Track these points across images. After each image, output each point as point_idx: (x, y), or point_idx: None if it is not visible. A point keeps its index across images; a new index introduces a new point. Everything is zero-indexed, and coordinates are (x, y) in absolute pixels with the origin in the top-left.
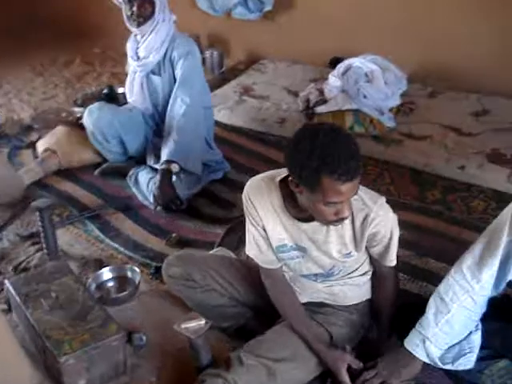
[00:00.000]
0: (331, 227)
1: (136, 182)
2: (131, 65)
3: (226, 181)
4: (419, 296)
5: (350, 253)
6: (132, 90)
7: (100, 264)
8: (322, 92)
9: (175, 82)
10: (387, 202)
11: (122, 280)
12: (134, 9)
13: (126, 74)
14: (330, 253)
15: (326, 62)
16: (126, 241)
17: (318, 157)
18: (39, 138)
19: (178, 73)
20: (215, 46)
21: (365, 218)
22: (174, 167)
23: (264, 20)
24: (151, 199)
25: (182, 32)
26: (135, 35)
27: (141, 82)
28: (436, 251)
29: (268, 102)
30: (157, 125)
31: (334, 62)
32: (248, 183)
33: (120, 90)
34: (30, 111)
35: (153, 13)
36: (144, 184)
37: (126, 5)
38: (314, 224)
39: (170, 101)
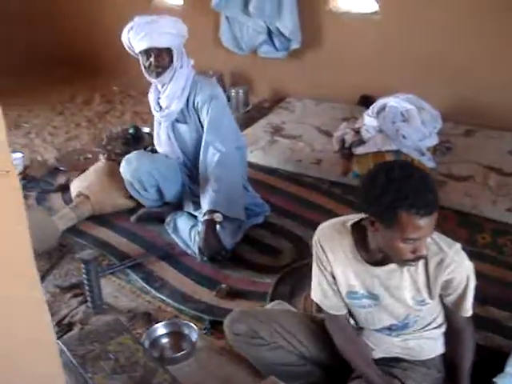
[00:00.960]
0: (405, 271)
1: (175, 229)
2: (155, 115)
3: (267, 225)
4: (485, 348)
5: (423, 300)
6: (160, 140)
7: (149, 317)
8: (357, 132)
9: (202, 127)
10: None
11: (176, 336)
12: (152, 59)
13: (149, 113)
14: (403, 299)
15: (354, 100)
16: (173, 292)
17: (395, 190)
18: (67, 181)
19: (205, 119)
20: (239, 83)
21: (439, 263)
22: (218, 217)
23: (290, 58)
24: (195, 250)
25: (206, 70)
26: (155, 85)
27: (167, 132)
28: (496, 299)
29: (301, 142)
30: (190, 170)
31: (364, 101)
32: (319, 228)
33: (145, 130)
34: (54, 152)
35: (171, 62)
36: (185, 232)
37: (142, 56)
38: (388, 268)
39: (202, 148)
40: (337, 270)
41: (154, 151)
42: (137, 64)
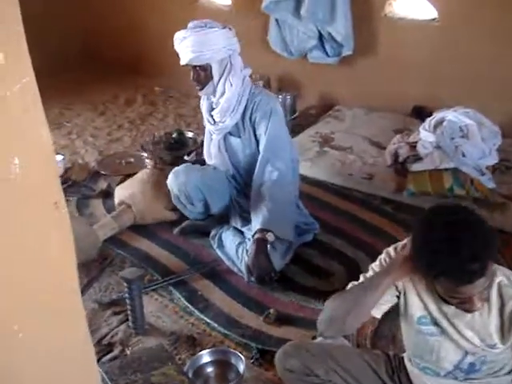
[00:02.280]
0: (476, 314)
1: (221, 244)
2: (206, 126)
3: (316, 243)
4: None
5: (494, 344)
6: (210, 152)
7: (193, 342)
8: (412, 146)
9: (257, 142)
10: None
11: (222, 365)
12: (191, 73)
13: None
14: (471, 341)
15: (406, 110)
16: (218, 315)
17: (431, 252)
18: (109, 186)
19: (262, 134)
20: (286, 89)
21: None
22: (270, 236)
23: (341, 64)
24: (242, 268)
25: (252, 73)
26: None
27: (218, 145)
28: None
29: (351, 154)
30: (239, 184)
31: (417, 112)
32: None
33: (189, 135)
34: (95, 155)
35: (211, 77)
36: (231, 249)
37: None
38: (455, 309)
39: (258, 164)
40: (409, 294)
41: (198, 161)
42: (179, 65)
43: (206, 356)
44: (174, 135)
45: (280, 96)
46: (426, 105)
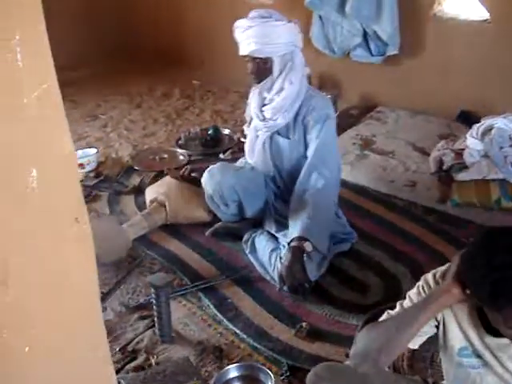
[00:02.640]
0: None
1: (253, 249)
2: (253, 122)
3: (353, 253)
4: None
5: None
6: (253, 149)
7: (220, 353)
8: (458, 154)
9: (306, 146)
10: None
11: (249, 381)
12: (250, 66)
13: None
14: None
15: (452, 114)
16: (248, 325)
17: (497, 280)
18: (141, 182)
19: (312, 139)
20: (327, 87)
21: None
22: (308, 246)
23: (385, 64)
24: (275, 277)
25: None
26: (260, 90)
27: (263, 143)
28: None
29: (394, 159)
30: (278, 187)
31: (464, 117)
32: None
33: (225, 132)
34: (129, 149)
35: (270, 71)
36: (264, 255)
37: (247, 59)
38: (501, 342)
39: (305, 169)
40: (451, 321)
41: (234, 160)
42: (221, 58)
43: (233, 371)
44: (209, 132)
45: None
46: (474, 110)
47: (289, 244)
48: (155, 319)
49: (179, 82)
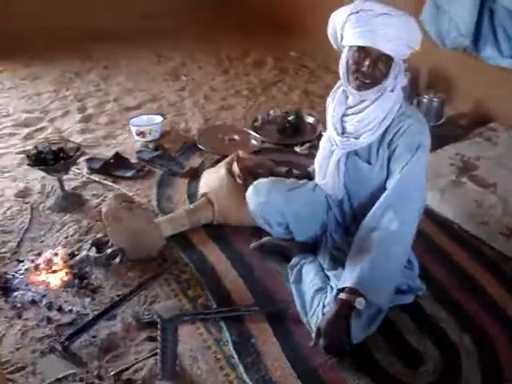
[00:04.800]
0: None
1: (299, 279)
2: (329, 132)
3: (414, 308)
4: None
5: None
6: (323, 166)
7: None
8: None
9: (388, 173)
10: None
11: None
12: (365, 63)
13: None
14: None
15: None
16: (264, 382)
17: None
18: (201, 164)
19: (396, 170)
20: (436, 86)
21: None
22: (359, 303)
23: None
24: (312, 324)
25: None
26: (345, 95)
27: (337, 162)
28: None
29: (494, 194)
30: (343, 215)
31: None
32: None
33: (309, 120)
34: (200, 121)
35: (386, 76)
36: (307, 293)
37: (352, 53)
38: None
39: (379, 205)
40: None
41: (310, 156)
42: (325, 29)
43: None
44: (290, 117)
45: (426, 97)
46: None
47: (338, 293)
48: (159, 352)
49: (275, 50)
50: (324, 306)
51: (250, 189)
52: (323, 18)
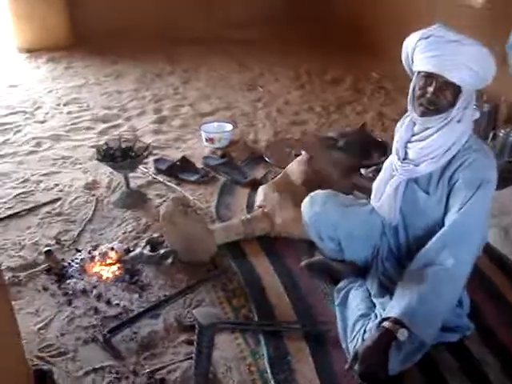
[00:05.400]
0: None
1: (344, 302)
2: (392, 159)
3: (458, 348)
4: None
5: None
6: (381, 190)
7: None
8: None
9: (446, 206)
10: None
11: None
12: (431, 89)
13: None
14: None
15: None
16: None
17: None
18: (264, 176)
19: (455, 205)
20: None
21: None
22: (402, 334)
23: None
24: (350, 349)
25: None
26: (413, 121)
27: (396, 188)
28: None
29: None
30: (397, 244)
31: None
32: None
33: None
34: (270, 134)
35: (451, 105)
36: (351, 318)
37: (419, 78)
38: None
39: (435, 240)
40: None
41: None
42: None
43: None
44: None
45: (502, 131)
46: None
47: (381, 321)
48: (194, 357)
49: (355, 69)
50: (365, 332)
51: (306, 199)
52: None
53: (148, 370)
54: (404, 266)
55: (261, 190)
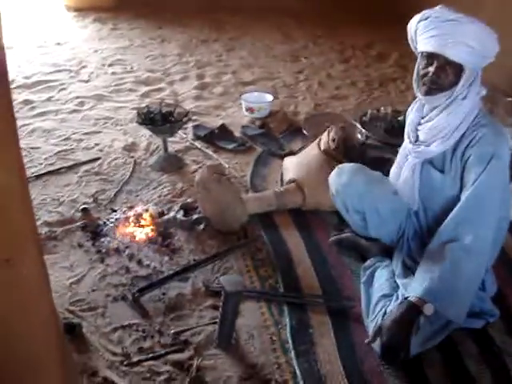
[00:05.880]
0: None
1: (370, 280)
2: (405, 143)
3: (482, 336)
4: None
5: None
6: (398, 174)
7: None
8: None
9: (461, 185)
10: None
11: None
12: (432, 69)
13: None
14: None
15: None
16: (312, 373)
17: None
18: (301, 149)
19: (469, 182)
20: None
21: None
22: (427, 309)
23: None
24: (369, 327)
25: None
26: (421, 103)
27: (412, 171)
28: None
29: None
30: (419, 225)
31: None
32: None
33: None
34: (311, 107)
35: (455, 84)
36: (374, 296)
37: (421, 58)
38: None
39: (451, 217)
40: None
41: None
42: None
43: None
44: (400, 118)
45: None
46: None
47: (406, 299)
48: (218, 323)
49: (401, 46)
50: (385, 313)
51: (335, 171)
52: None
53: (173, 331)
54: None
55: (288, 163)
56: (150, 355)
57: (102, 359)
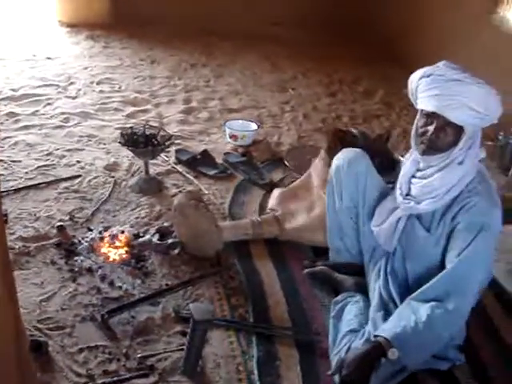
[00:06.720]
0: None
1: (339, 315)
2: (396, 194)
3: (447, 376)
4: None
5: None
6: (383, 216)
7: None
8: None
9: (446, 247)
10: None
11: None
12: (430, 129)
13: None
14: None
15: None
16: None
17: None
18: (281, 180)
19: (454, 250)
20: None
21: None
22: (392, 354)
23: None
24: (333, 361)
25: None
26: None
27: (397, 220)
28: None
29: None
30: (396, 265)
31: None
32: None
33: (400, 159)
34: (294, 138)
35: (453, 144)
36: (343, 329)
37: (420, 116)
38: None
39: (433, 283)
40: None
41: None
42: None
43: None
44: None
45: (500, 135)
46: None
47: (375, 337)
48: (185, 349)
49: (388, 84)
50: (349, 348)
51: (338, 154)
52: (451, 57)
53: (140, 355)
54: (401, 288)
55: (275, 192)
56: (115, 378)
57: (65, 380)
